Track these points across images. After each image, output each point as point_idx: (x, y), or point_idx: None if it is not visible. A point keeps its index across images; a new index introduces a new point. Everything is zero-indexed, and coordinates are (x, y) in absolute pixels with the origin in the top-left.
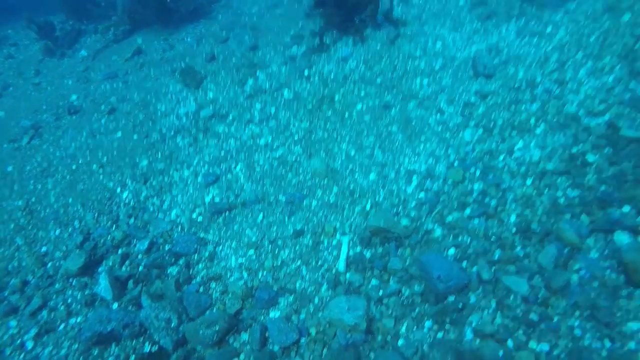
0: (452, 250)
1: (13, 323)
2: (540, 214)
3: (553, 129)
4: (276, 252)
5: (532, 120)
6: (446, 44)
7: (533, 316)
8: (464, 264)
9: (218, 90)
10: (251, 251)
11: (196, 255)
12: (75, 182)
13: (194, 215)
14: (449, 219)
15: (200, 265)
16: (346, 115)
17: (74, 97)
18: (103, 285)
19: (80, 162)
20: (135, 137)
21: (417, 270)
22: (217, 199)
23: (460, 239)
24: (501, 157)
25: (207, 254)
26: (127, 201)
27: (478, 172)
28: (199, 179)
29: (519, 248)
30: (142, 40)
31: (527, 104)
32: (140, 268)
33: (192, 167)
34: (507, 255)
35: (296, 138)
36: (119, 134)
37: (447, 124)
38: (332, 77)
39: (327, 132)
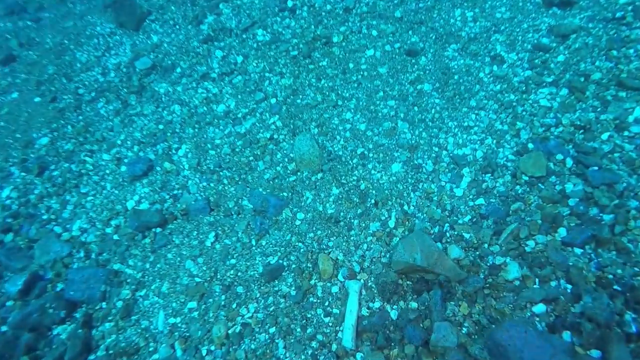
0: (540, 307)
1: None
2: None
3: None
4: (234, 307)
5: None
6: None
7: None
8: (567, 336)
9: (164, 32)
10: (192, 303)
11: (104, 303)
12: None
13: (109, 231)
14: (531, 245)
15: (107, 325)
16: (351, 66)
17: None
18: None
19: None
20: (37, 99)
21: (486, 354)
22: (145, 204)
23: (553, 285)
24: (606, 135)
25: (120, 303)
26: (7, 202)
27: (570, 161)
28: (123, 167)
29: None
30: None
31: (639, 45)
32: (4, 328)
33: (114, 149)
34: None
35: (273, 102)
36: (15, 94)
37: (510, 80)
38: (327, 9)
39: (322, 94)
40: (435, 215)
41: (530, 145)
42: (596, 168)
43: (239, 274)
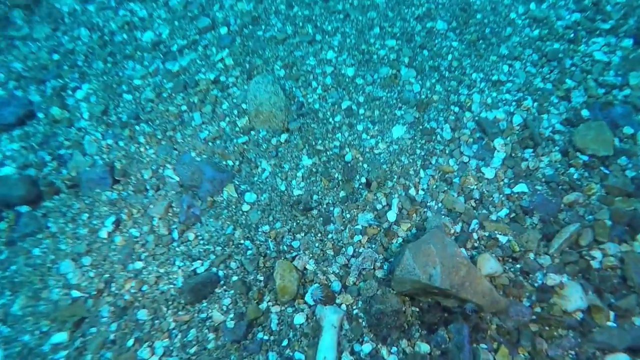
0: (622, 358)
1: None
2: None
3: None
4: (129, 345)
5: None
6: None
7: None
8: None
9: None
10: (61, 335)
11: None
12: None
13: None
14: (598, 258)
15: None
16: None
17: None
18: None
19: None
20: None
21: None
22: (10, 167)
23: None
24: None
25: None
26: None
27: None
28: None
29: None
30: None
31: None
32: None
33: None
34: None
35: (224, 33)
36: None
37: (552, 25)
38: None
39: (294, 25)
40: (457, 206)
41: (585, 112)
42: None
43: (145, 287)
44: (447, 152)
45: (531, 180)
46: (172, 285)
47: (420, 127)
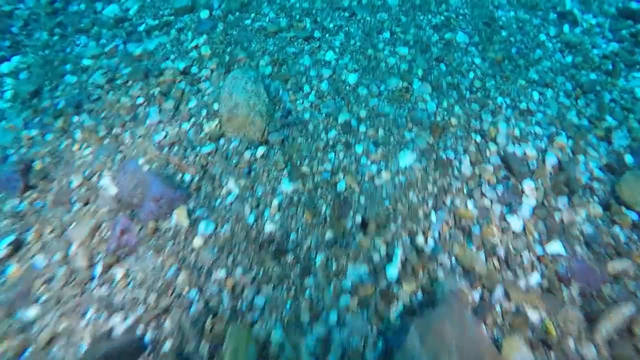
0: None
1: None
2: None
3: None
4: None
5: None
6: None
7: None
8: None
9: None
10: None
11: None
12: None
13: None
14: None
15: None
16: None
17: None
18: None
19: None
20: None
21: None
22: None
23: None
24: None
25: None
26: None
27: None
28: None
29: None
30: None
31: None
32: None
33: None
34: None
35: (204, 17)
36: None
37: (587, 53)
38: None
39: (290, 17)
40: (477, 265)
41: (629, 158)
42: None
43: (29, 351)
44: (465, 191)
45: (567, 238)
46: (69, 351)
47: (435, 156)
